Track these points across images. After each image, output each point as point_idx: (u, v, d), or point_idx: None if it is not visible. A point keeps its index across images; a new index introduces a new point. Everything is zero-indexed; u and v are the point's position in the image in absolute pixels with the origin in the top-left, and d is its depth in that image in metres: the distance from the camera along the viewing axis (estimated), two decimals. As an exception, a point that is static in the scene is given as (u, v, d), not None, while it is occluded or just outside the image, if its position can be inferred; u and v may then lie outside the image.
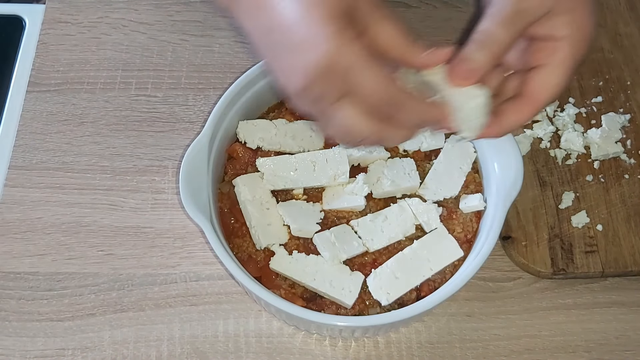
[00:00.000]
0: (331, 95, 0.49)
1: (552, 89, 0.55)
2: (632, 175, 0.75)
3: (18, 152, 0.77)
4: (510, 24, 0.53)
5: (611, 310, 0.69)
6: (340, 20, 0.48)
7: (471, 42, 0.53)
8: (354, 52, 0.47)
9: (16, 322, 0.67)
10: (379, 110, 0.50)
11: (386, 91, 0.49)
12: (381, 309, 0.62)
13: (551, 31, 0.54)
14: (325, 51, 0.47)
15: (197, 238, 0.72)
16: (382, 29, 0.50)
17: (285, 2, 0.48)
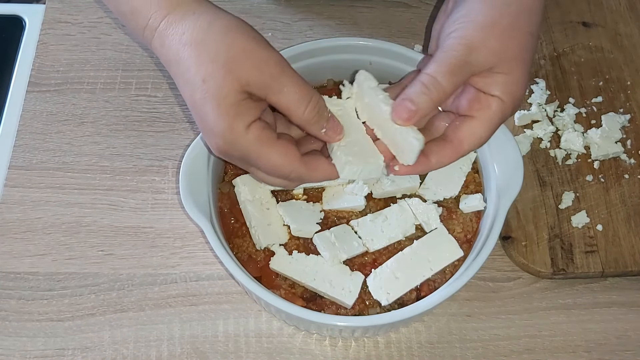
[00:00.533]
0: (241, 165, 0.58)
1: (476, 141, 0.58)
2: (632, 175, 0.75)
3: (18, 152, 0.77)
4: (455, 74, 0.56)
5: (611, 310, 0.69)
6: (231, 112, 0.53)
7: (416, 83, 0.56)
8: (246, 143, 0.54)
9: (16, 322, 0.67)
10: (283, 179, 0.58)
11: (282, 170, 0.56)
12: (381, 309, 0.62)
13: (486, 87, 0.57)
14: (219, 143, 0.55)
15: (197, 238, 0.72)
16: (280, 100, 0.55)
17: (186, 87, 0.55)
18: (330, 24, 0.87)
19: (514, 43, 0.57)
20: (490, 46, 0.56)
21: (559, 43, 0.85)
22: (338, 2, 0.89)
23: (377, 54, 0.71)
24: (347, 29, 0.87)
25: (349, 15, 0.88)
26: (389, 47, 0.71)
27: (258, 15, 0.87)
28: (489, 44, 0.56)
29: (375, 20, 0.87)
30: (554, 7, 0.88)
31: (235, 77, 0.53)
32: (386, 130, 0.59)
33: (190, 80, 0.54)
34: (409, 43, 0.84)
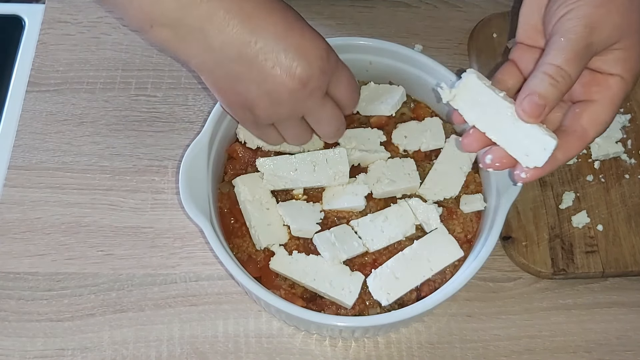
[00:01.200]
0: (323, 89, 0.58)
1: (601, 125, 0.55)
2: (633, 175, 0.75)
3: (18, 152, 0.77)
4: (581, 59, 0.52)
5: (612, 310, 0.69)
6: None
7: (541, 75, 0.52)
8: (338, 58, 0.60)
9: (16, 323, 0.67)
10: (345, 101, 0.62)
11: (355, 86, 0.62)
12: (381, 309, 0.62)
13: (605, 66, 0.54)
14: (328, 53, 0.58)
15: (197, 238, 0.72)
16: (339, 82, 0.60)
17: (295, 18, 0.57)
18: (330, 24, 0.87)
19: (635, 15, 0.53)
20: (613, 22, 0.52)
21: (559, 43, 0.85)
22: (338, 2, 0.89)
23: (377, 54, 0.71)
24: (347, 29, 0.86)
25: (349, 15, 0.88)
26: (389, 47, 0.71)
27: (258, 15, 0.87)
28: (611, 20, 0.52)
29: (375, 20, 0.87)
30: (554, 7, 0.88)
31: None
32: (506, 132, 0.53)
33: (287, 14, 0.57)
34: (409, 43, 0.84)
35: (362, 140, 0.69)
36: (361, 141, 0.68)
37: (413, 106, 0.73)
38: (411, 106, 0.73)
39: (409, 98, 0.73)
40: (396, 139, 0.70)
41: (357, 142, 0.68)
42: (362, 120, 0.72)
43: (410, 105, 0.73)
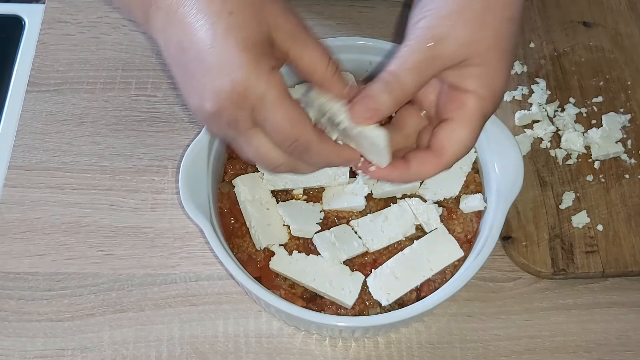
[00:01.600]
0: (243, 122, 0.49)
1: (458, 144, 0.52)
2: (633, 175, 0.75)
3: (18, 152, 0.77)
4: (419, 71, 0.51)
5: (612, 310, 0.69)
6: (257, 49, 0.47)
7: (378, 80, 0.52)
8: (267, 84, 0.47)
9: (16, 323, 0.67)
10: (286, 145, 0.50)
11: (293, 132, 0.49)
12: (381, 309, 0.62)
13: (460, 82, 0.52)
14: (236, 79, 0.47)
15: (197, 238, 0.72)
16: (304, 53, 0.50)
17: (201, 22, 0.48)
18: (330, 24, 0.87)
19: (487, 31, 0.51)
20: (458, 35, 0.50)
21: (560, 43, 0.85)
22: (338, 2, 0.89)
23: (377, 54, 0.71)
24: (347, 29, 0.86)
25: (349, 15, 0.88)
26: (389, 47, 0.71)
27: (258, 15, 0.87)
28: (456, 34, 0.50)
29: (375, 20, 0.87)
30: (554, 7, 0.88)
31: (264, 17, 0.48)
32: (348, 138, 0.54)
33: (213, 12, 0.47)
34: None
35: None
36: None
37: (413, 106, 0.73)
38: (411, 106, 0.73)
39: (409, 98, 0.73)
40: (396, 139, 0.70)
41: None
42: (362, 120, 0.71)
43: (410, 105, 0.73)
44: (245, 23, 0.48)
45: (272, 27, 0.49)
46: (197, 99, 0.49)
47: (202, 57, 0.48)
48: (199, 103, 0.49)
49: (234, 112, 0.48)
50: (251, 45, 0.47)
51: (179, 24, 0.48)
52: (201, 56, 0.48)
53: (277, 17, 0.49)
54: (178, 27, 0.49)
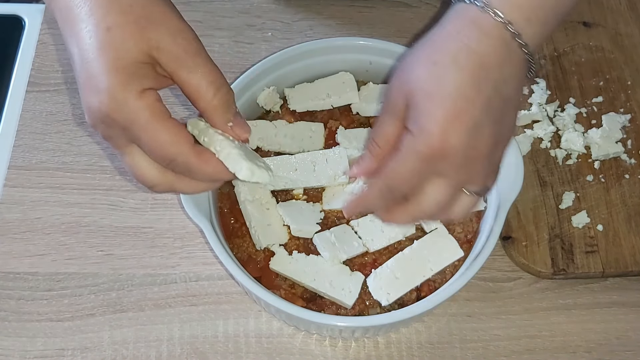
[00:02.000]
0: (117, 139, 0.49)
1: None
2: (633, 175, 0.75)
3: (18, 152, 0.77)
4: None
5: (611, 310, 0.69)
6: (128, 70, 0.47)
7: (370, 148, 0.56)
8: (135, 107, 0.47)
9: (16, 323, 0.67)
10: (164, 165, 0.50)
11: (168, 151, 0.49)
12: (381, 309, 0.62)
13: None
14: (103, 101, 0.46)
15: (197, 238, 0.72)
16: (190, 79, 0.50)
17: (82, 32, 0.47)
18: (330, 24, 0.87)
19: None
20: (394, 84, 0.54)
21: (560, 43, 0.85)
22: (338, 2, 0.89)
23: (377, 54, 0.71)
24: (347, 29, 0.86)
25: (349, 15, 0.88)
26: (389, 47, 0.71)
27: (258, 15, 0.87)
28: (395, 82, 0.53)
29: (375, 20, 0.87)
30: (554, 7, 0.88)
31: (146, 37, 0.47)
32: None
33: (92, 25, 0.47)
34: (409, 43, 0.84)
35: (362, 140, 0.69)
36: (361, 141, 0.68)
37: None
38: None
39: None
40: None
41: (357, 142, 0.68)
42: (361, 121, 0.72)
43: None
44: (121, 42, 0.47)
45: (154, 49, 0.48)
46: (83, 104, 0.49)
47: (80, 70, 0.48)
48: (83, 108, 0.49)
49: (106, 130, 0.49)
50: (122, 67, 0.47)
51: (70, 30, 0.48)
52: (80, 68, 0.48)
53: (161, 38, 0.48)
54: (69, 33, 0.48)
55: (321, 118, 0.72)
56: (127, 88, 0.47)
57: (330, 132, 0.70)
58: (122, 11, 0.47)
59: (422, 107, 0.51)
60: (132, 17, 0.47)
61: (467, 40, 0.51)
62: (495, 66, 0.51)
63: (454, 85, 0.50)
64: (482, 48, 0.51)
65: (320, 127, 0.70)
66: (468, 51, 0.51)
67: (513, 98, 0.53)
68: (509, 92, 0.52)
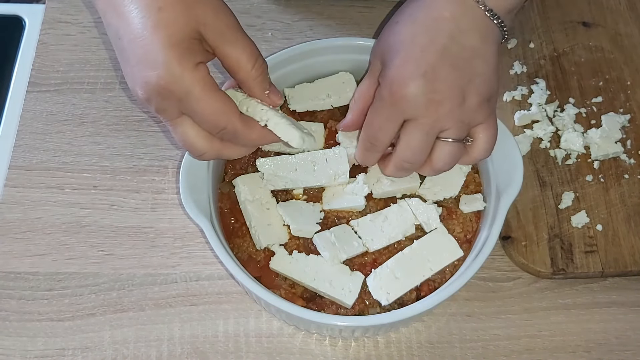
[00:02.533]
0: (170, 111, 0.53)
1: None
2: (632, 175, 0.75)
3: (18, 152, 0.77)
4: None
5: (611, 310, 0.69)
6: (182, 45, 0.51)
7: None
8: (191, 80, 0.51)
9: (16, 322, 0.67)
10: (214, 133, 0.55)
11: (220, 120, 0.53)
12: (381, 309, 0.62)
13: None
14: (161, 75, 0.50)
15: (197, 238, 0.72)
16: (231, 52, 0.54)
17: (133, 13, 0.51)
18: (330, 24, 0.87)
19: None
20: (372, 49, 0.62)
21: (559, 43, 0.85)
22: (338, 2, 0.89)
23: (377, 54, 0.71)
24: (347, 29, 0.87)
25: (349, 15, 0.88)
26: (389, 47, 0.71)
27: (258, 15, 0.87)
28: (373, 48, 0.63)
29: (375, 20, 0.87)
30: (554, 7, 0.88)
31: (194, 15, 0.51)
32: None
33: (143, 6, 0.51)
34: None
35: None
36: None
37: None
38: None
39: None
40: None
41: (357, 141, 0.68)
42: (362, 121, 0.72)
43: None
44: (174, 20, 0.51)
45: (201, 25, 0.52)
46: (131, 83, 0.53)
47: (133, 48, 0.51)
48: (132, 87, 0.53)
49: (161, 102, 0.52)
50: (177, 42, 0.50)
51: (114, 12, 0.52)
52: (132, 46, 0.51)
53: (206, 15, 0.52)
54: (115, 15, 0.52)
55: (321, 118, 0.72)
56: (182, 62, 0.50)
57: (330, 132, 0.70)
58: None
59: (386, 60, 0.59)
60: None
61: (422, 2, 0.59)
62: (449, 19, 0.57)
63: (408, 35, 0.58)
64: (436, 4, 0.58)
65: (320, 127, 0.70)
66: (422, 8, 0.58)
67: (478, 48, 0.58)
68: (471, 42, 0.57)
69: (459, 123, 0.58)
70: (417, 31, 0.57)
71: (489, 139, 0.61)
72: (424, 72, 0.56)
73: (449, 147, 0.59)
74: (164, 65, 0.50)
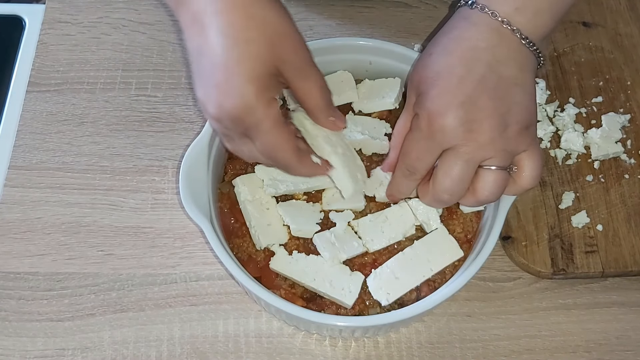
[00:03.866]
0: (236, 133, 0.56)
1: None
2: (632, 175, 0.75)
3: (18, 152, 0.77)
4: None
5: (611, 310, 0.69)
6: (261, 81, 0.53)
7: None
8: (263, 114, 0.54)
9: (16, 322, 0.67)
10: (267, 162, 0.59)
11: (277, 154, 0.57)
12: (381, 309, 0.62)
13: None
14: (236, 104, 0.53)
15: (197, 238, 0.72)
16: (304, 85, 0.57)
17: (219, 39, 0.53)
18: (330, 24, 0.87)
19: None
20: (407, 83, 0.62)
21: (559, 43, 0.85)
22: (338, 2, 0.89)
23: (377, 54, 0.71)
24: (347, 29, 0.87)
25: (349, 15, 0.88)
26: (389, 47, 0.71)
27: (258, 15, 0.87)
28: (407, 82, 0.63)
29: (375, 20, 0.87)
30: (554, 7, 0.88)
31: (277, 52, 0.54)
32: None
33: (231, 36, 0.53)
34: (409, 43, 0.84)
35: (367, 127, 0.69)
36: (367, 127, 0.69)
37: (413, 106, 0.73)
38: (411, 106, 0.73)
39: (409, 98, 0.73)
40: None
41: (362, 127, 0.68)
42: (363, 119, 0.72)
43: (410, 105, 0.73)
44: (257, 55, 0.53)
45: (281, 61, 0.54)
46: (204, 97, 0.55)
47: (214, 71, 0.53)
48: (203, 101, 0.55)
49: (230, 125, 0.55)
50: (257, 77, 0.53)
51: (201, 31, 0.54)
52: (214, 70, 0.53)
53: (288, 52, 0.55)
54: (200, 33, 0.54)
55: (321, 118, 0.72)
56: (259, 97, 0.53)
57: (330, 132, 0.70)
58: (258, 27, 0.53)
59: (422, 92, 0.58)
60: (267, 33, 0.53)
61: (457, 32, 0.59)
62: (485, 49, 0.57)
63: (444, 66, 0.58)
64: (470, 34, 0.58)
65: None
66: (457, 39, 0.59)
67: (516, 77, 0.57)
68: (508, 71, 0.57)
69: (502, 152, 0.57)
70: (453, 62, 0.57)
71: (535, 165, 0.59)
72: (461, 102, 0.56)
73: (494, 176, 0.58)
74: (241, 97, 0.52)
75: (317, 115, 0.60)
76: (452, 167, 0.57)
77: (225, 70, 0.53)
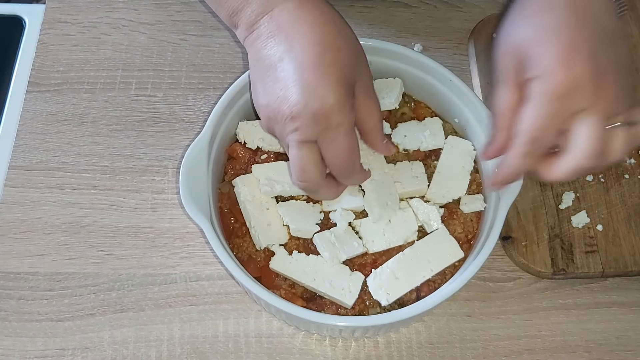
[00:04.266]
0: (309, 133, 0.55)
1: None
2: (633, 175, 0.75)
3: (18, 152, 0.77)
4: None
5: (611, 310, 0.69)
6: (347, 87, 0.55)
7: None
8: (347, 115, 0.55)
9: (16, 322, 0.67)
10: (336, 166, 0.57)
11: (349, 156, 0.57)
12: (381, 309, 0.62)
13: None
14: (326, 102, 0.53)
15: (197, 238, 0.72)
16: (367, 104, 0.58)
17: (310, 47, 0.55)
18: (330, 24, 0.87)
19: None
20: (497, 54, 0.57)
21: (559, 43, 0.85)
22: (338, 2, 0.88)
23: (377, 54, 0.71)
24: (347, 29, 0.86)
25: (349, 15, 0.88)
26: (389, 47, 0.71)
27: (258, 15, 0.87)
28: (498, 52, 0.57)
29: (375, 20, 0.87)
30: (554, 7, 0.88)
31: (357, 68, 0.57)
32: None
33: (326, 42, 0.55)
34: (409, 43, 0.84)
35: None
36: None
37: (413, 106, 0.73)
38: (411, 106, 0.73)
39: (410, 98, 0.73)
40: (396, 138, 0.70)
41: None
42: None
43: (411, 105, 0.73)
44: (346, 63, 0.55)
45: (359, 76, 0.57)
46: (274, 100, 0.55)
47: (302, 72, 0.54)
48: (275, 104, 0.55)
49: (308, 123, 0.54)
50: (345, 82, 0.55)
51: (286, 39, 0.56)
52: (302, 71, 0.54)
53: (362, 71, 0.58)
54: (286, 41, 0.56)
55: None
56: (346, 100, 0.55)
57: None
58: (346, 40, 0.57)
59: (535, 54, 0.53)
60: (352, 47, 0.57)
61: None
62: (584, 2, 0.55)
63: (556, 21, 0.54)
64: None
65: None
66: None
67: (615, 28, 0.56)
68: (612, 23, 0.56)
69: (624, 107, 0.54)
70: (563, 15, 0.54)
71: None
72: (588, 54, 0.52)
73: (624, 132, 0.54)
74: (334, 96, 0.53)
75: (374, 135, 0.60)
76: (594, 129, 0.52)
77: (318, 70, 0.54)
